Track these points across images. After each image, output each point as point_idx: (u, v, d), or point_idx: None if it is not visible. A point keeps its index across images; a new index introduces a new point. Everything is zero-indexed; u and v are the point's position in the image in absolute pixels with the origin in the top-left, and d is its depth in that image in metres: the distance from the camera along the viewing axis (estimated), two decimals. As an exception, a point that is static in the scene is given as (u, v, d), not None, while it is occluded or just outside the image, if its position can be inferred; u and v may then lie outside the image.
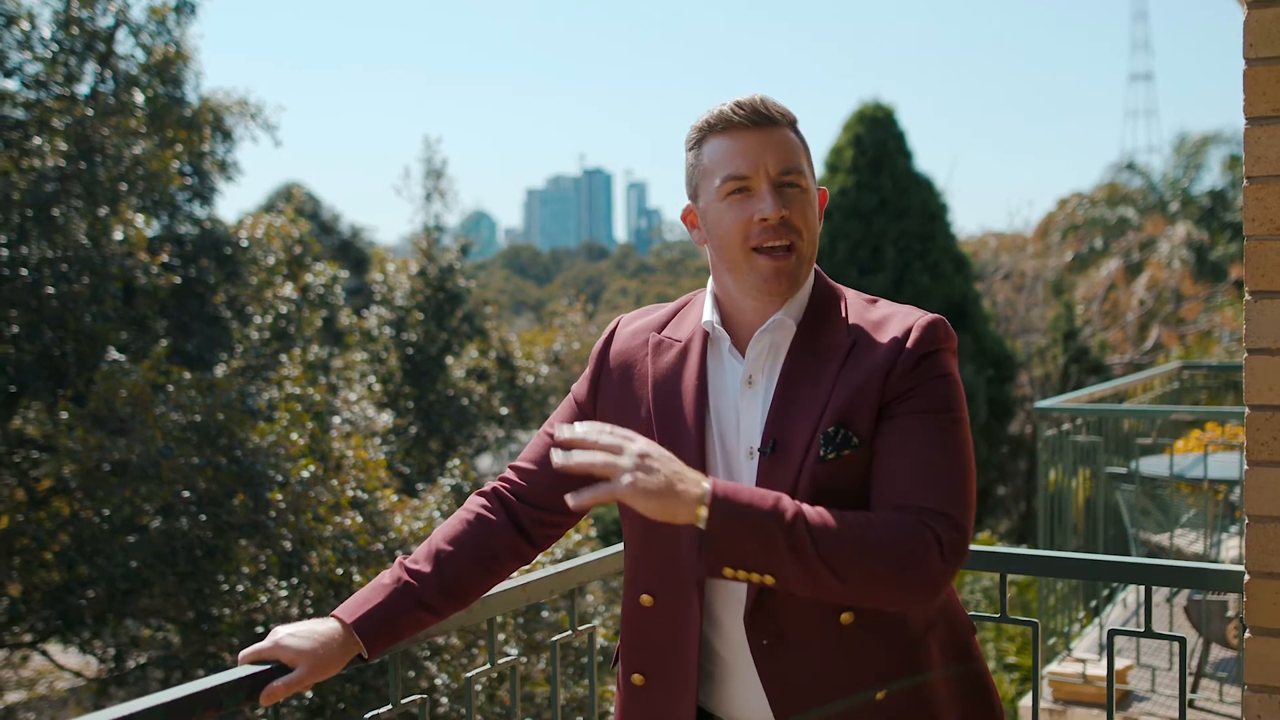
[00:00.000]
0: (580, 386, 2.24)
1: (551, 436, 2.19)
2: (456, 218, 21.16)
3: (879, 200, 19.67)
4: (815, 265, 2.11)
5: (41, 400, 10.86)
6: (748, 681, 2.04)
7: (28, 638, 10.89)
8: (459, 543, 2.15)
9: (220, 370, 12.37)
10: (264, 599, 8.75)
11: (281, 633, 2.00)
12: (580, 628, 2.74)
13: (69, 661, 12.55)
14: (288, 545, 8.87)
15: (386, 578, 2.11)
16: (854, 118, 20.24)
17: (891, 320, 2.02)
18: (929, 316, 2.01)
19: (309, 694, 8.26)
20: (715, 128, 2.03)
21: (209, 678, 1.93)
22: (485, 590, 2.21)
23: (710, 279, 2.14)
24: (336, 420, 12.30)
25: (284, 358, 13.33)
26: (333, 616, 2.06)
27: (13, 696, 13.45)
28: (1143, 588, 2.58)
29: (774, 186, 1.98)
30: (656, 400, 2.08)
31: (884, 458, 1.93)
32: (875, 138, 19.90)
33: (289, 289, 14.50)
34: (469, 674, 2.42)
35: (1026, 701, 5.89)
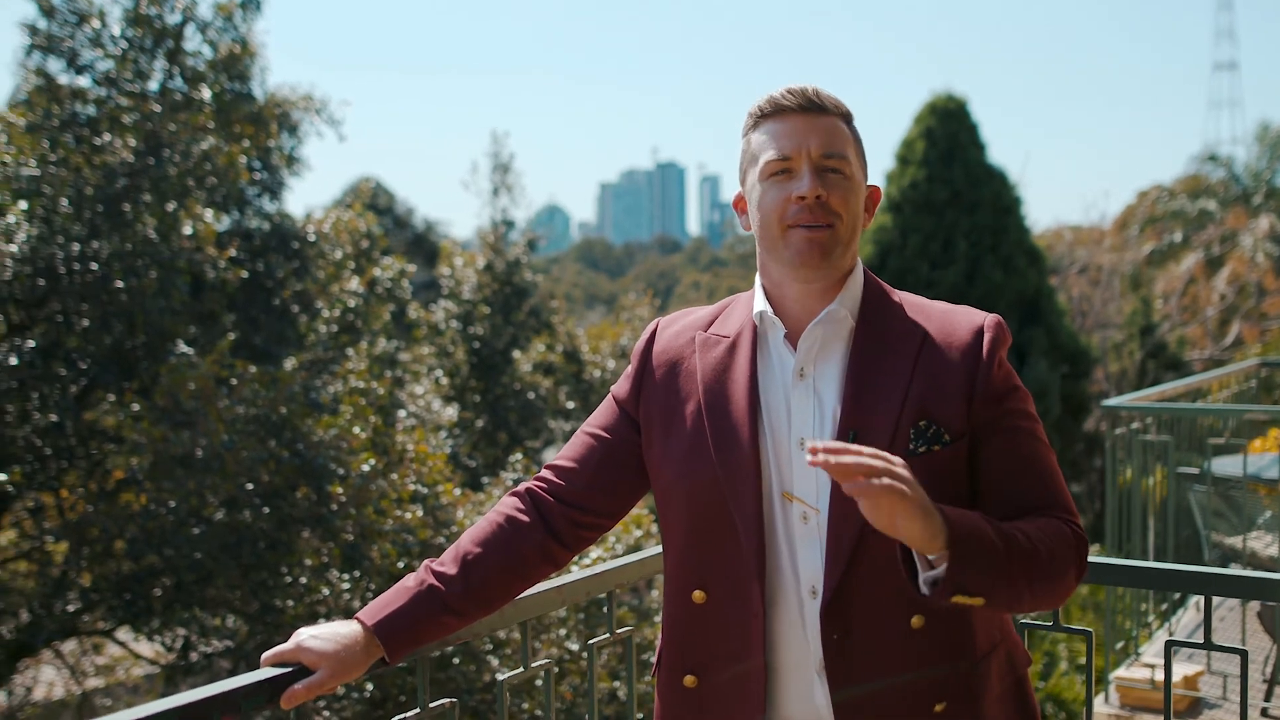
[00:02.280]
0: (622, 386, 2.20)
1: (591, 436, 2.19)
2: (525, 212, 21.19)
3: (951, 193, 19.42)
4: (862, 262, 2.10)
5: (113, 393, 11.02)
6: (798, 680, 1.99)
7: (101, 625, 11.07)
8: (487, 545, 2.11)
9: (289, 364, 12.47)
10: (326, 591, 8.80)
11: (304, 634, 1.97)
12: (620, 630, 2.69)
13: (144, 649, 12.75)
14: (349, 538, 8.92)
15: (411, 580, 2.07)
16: (925, 110, 20.01)
17: (956, 317, 2.03)
18: (993, 317, 2.02)
19: (369, 686, 8.30)
20: (766, 113, 2.05)
21: (228, 680, 1.90)
22: (514, 595, 2.17)
23: (758, 274, 2.12)
24: (402, 414, 12.36)
25: (350, 351, 13.42)
26: (356, 619, 2.03)
27: (91, 683, 13.70)
28: (1210, 597, 2.47)
29: (815, 169, 1.97)
30: (707, 395, 2.06)
31: (1006, 466, 1.97)
32: (947, 130, 19.66)
33: (356, 283, 14.59)
34: (502, 676, 2.37)
35: (1096, 706, 5.74)
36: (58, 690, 13.64)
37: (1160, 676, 5.63)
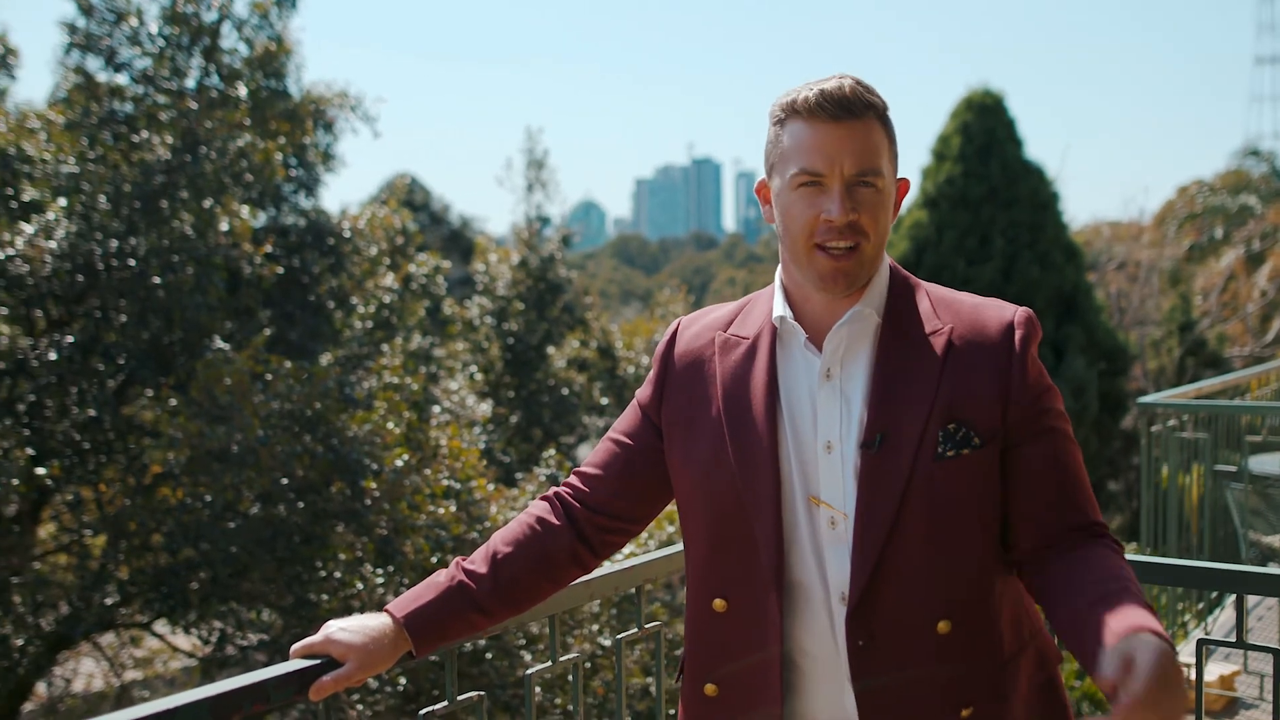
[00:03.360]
0: (644, 391, 2.18)
1: (616, 443, 2.18)
2: (559, 208, 21.24)
3: (988, 189, 19.29)
4: (888, 257, 2.05)
5: (150, 388, 11.12)
6: (827, 688, 1.97)
7: (139, 618, 11.17)
8: (518, 546, 2.12)
9: (324, 359, 12.55)
10: (360, 586, 8.84)
11: (333, 627, 1.98)
12: (649, 625, 2.69)
13: (181, 642, 12.87)
14: (383, 533, 8.96)
15: (442, 576, 2.08)
16: (962, 105, 19.86)
17: (986, 312, 1.97)
18: (1023, 310, 1.97)
19: (402, 681, 8.33)
20: (799, 112, 1.93)
21: (257, 671, 1.91)
22: (542, 597, 2.17)
23: (779, 269, 2.07)
24: (436, 409, 12.39)
25: (385, 347, 13.48)
26: (385, 611, 2.03)
27: (129, 675, 13.83)
28: (1246, 595, 2.44)
29: (846, 187, 1.89)
30: (726, 399, 2.02)
31: (1042, 469, 1.95)
32: (984, 125, 19.51)
33: (391, 279, 14.65)
34: (529, 671, 2.38)
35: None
36: (97, 682, 13.78)
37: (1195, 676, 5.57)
